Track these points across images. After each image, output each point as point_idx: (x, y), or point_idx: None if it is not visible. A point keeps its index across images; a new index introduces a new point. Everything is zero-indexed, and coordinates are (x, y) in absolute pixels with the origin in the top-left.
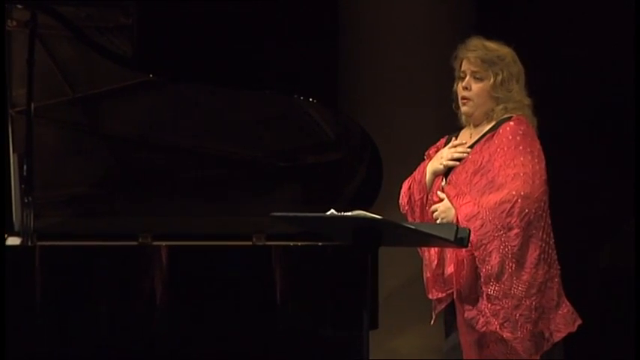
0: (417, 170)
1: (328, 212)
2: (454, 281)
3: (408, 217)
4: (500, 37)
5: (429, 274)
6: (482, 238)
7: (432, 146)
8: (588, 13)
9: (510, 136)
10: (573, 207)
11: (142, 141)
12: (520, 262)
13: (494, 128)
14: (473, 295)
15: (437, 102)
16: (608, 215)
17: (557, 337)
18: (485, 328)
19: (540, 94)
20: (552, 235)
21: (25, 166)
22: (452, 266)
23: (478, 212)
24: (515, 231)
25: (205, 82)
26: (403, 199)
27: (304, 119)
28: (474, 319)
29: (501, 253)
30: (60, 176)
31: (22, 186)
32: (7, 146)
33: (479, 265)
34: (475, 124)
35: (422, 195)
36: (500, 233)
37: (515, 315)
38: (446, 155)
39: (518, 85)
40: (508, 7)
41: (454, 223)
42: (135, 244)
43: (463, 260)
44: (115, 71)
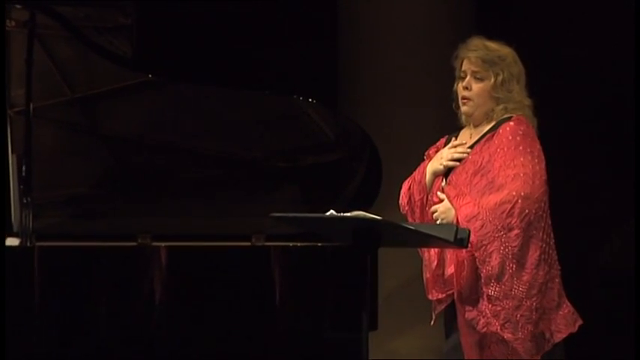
0: (416, 170)
1: (328, 213)
2: (454, 282)
3: (408, 217)
4: (500, 37)
5: (428, 275)
6: (482, 238)
7: (431, 146)
8: (588, 13)
9: (510, 137)
10: (573, 207)
11: (141, 141)
12: (521, 262)
13: (494, 128)
14: (473, 295)
15: (437, 102)
16: (608, 215)
17: (558, 337)
18: (485, 329)
19: (540, 94)
20: (552, 235)
21: (23, 167)
22: (452, 267)
23: (478, 213)
24: (516, 231)
25: (205, 82)
26: (403, 200)
27: (304, 119)
28: (474, 320)
29: (502, 253)
30: (59, 177)
31: (21, 186)
32: (5, 147)
33: (479, 265)
34: (475, 124)
35: (422, 195)
36: (500, 234)
37: (516, 316)
38: (446, 156)
39: (519, 85)
40: (508, 7)
41: (454, 223)
42: (134, 244)
43: (463, 261)
44: (114, 71)
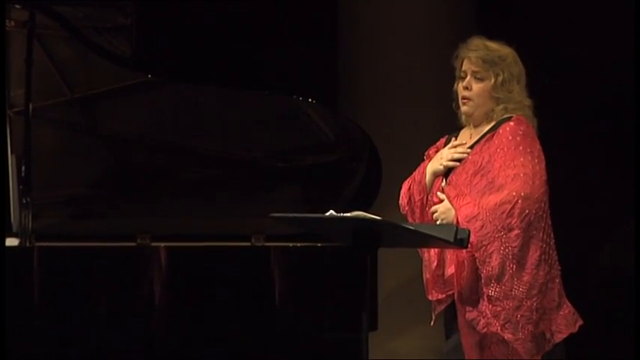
0: (416, 171)
1: (327, 213)
2: (455, 282)
3: (408, 217)
4: (500, 37)
5: (428, 275)
6: (482, 239)
7: (431, 146)
8: (588, 13)
9: (510, 137)
10: (573, 207)
11: (140, 141)
12: (521, 263)
13: (494, 128)
14: (474, 296)
15: (437, 102)
16: (608, 215)
17: (559, 337)
18: (486, 330)
19: (540, 94)
20: (553, 235)
21: (23, 167)
22: (452, 267)
23: (478, 213)
24: (516, 232)
25: (205, 82)
26: (403, 200)
27: (304, 119)
28: (474, 321)
29: (502, 254)
30: (58, 177)
31: (21, 187)
32: (5, 147)
33: (479, 266)
34: (475, 125)
35: (422, 196)
36: (500, 234)
37: (516, 316)
38: (446, 156)
39: (519, 85)
40: (508, 7)
41: (454, 224)
42: (134, 244)
43: (464, 261)
44: (114, 71)
